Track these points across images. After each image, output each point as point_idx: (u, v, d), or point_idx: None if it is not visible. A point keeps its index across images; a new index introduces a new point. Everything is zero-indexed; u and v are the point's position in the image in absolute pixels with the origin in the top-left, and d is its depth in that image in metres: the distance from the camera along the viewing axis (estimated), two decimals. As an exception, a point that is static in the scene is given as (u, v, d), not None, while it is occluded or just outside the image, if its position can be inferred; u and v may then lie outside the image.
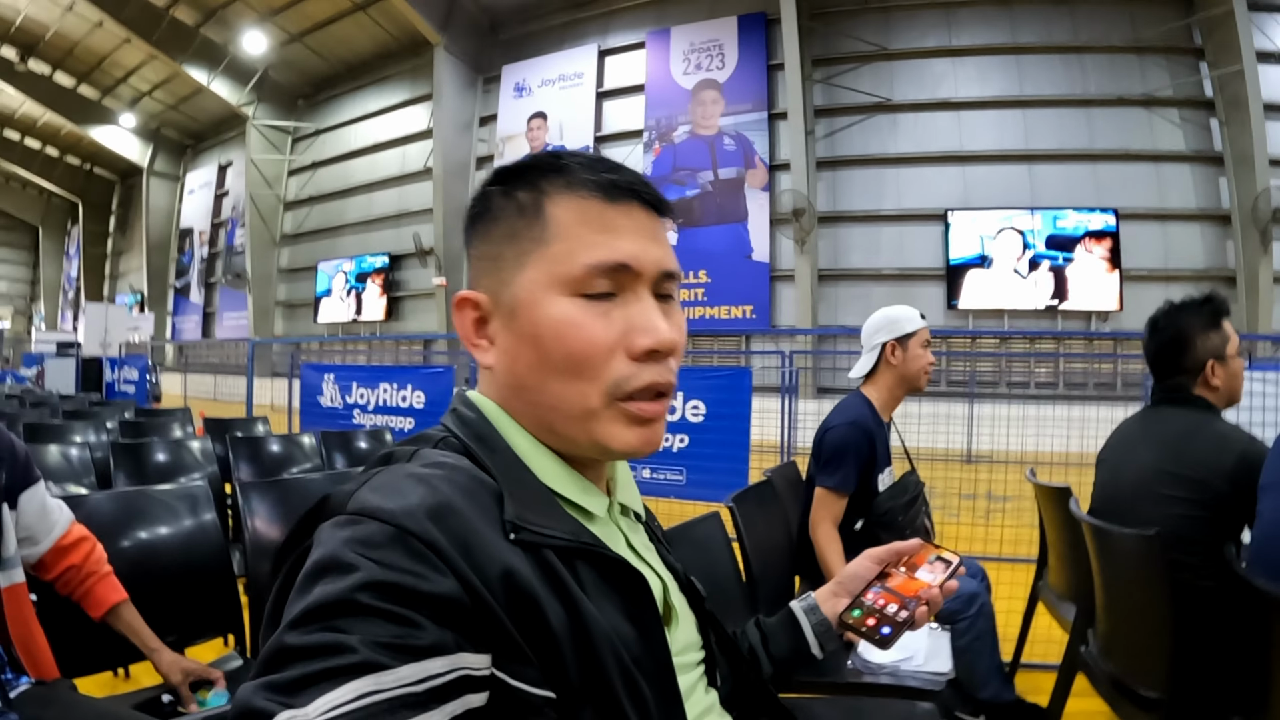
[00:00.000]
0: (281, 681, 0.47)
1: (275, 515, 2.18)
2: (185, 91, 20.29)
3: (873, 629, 0.90)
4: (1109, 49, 12.23)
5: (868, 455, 2.27)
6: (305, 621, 0.50)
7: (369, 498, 0.58)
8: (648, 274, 0.69)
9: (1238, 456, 1.76)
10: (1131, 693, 1.83)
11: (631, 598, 0.67)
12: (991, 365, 11.89)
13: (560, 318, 0.67)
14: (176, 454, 3.49)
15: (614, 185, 0.70)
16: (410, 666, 0.49)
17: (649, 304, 0.69)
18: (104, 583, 1.57)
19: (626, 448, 0.69)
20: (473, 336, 0.73)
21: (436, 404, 6.45)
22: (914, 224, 12.56)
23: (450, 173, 15.49)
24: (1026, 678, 2.79)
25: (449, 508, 0.58)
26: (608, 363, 0.67)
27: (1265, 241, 10.91)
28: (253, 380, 7.77)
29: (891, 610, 0.91)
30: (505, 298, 0.70)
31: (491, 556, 0.57)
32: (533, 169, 0.72)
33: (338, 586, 0.51)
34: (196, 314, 21.58)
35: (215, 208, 21.44)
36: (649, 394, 0.69)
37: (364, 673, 0.48)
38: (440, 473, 0.63)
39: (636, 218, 0.71)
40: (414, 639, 0.50)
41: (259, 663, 0.50)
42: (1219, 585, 1.71)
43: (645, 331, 0.68)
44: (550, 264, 0.68)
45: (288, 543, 0.64)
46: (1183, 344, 1.92)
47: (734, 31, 13.55)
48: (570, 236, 0.68)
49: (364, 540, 0.54)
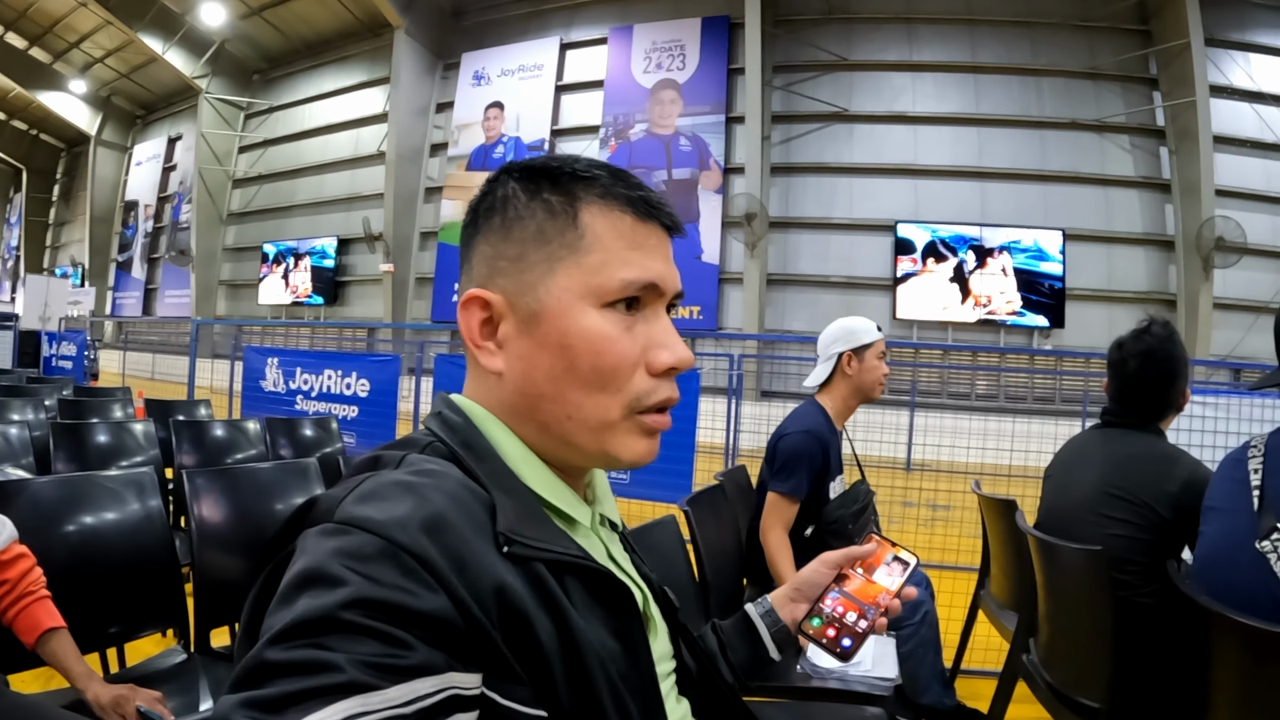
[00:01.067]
0: (263, 699, 0.45)
1: (223, 505, 2.13)
2: (139, 60, 19.67)
3: (834, 640, 0.89)
4: (1066, 73, 12.46)
5: (821, 463, 2.32)
6: (289, 636, 0.47)
7: (358, 507, 0.56)
8: (668, 293, 0.71)
9: (1182, 483, 1.82)
10: (1072, 701, 1.90)
11: (618, 611, 0.66)
12: (933, 376, 11.96)
13: (594, 329, 0.66)
14: (118, 437, 3.43)
15: (646, 203, 0.70)
16: (398, 688, 0.47)
17: (667, 322, 0.71)
18: (38, 605, 1.49)
19: (635, 458, 0.70)
20: (478, 338, 0.70)
21: (382, 393, 6.33)
22: (864, 233, 12.60)
23: (403, 158, 15.19)
24: (966, 684, 2.86)
25: (443, 521, 0.56)
26: (631, 377, 0.68)
27: (1207, 268, 11.14)
28: (195, 361, 7.49)
29: (851, 619, 0.90)
30: (528, 302, 0.68)
31: (485, 572, 0.55)
32: (561, 172, 0.70)
33: (324, 601, 0.48)
34: (138, 290, 20.89)
35: (162, 181, 20.78)
36: (660, 408, 0.70)
37: (351, 693, 0.45)
38: (430, 481, 0.60)
39: (660, 238, 0.71)
40: (403, 659, 0.48)
41: (237, 675, 0.47)
42: (1159, 602, 1.79)
43: (666, 349, 0.69)
44: (584, 274, 0.67)
45: (269, 547, 0.61)
46: (1175, 377, 1.97)
47: (697, 33, 13.49)
48: (606, 249, 0.68)
49: (353, 553, 0.52)
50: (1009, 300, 11.87)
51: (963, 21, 12.76)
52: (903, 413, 9.30)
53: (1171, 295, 11.83)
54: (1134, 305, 11.76)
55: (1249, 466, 1.58)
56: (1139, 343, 1.97)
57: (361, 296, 16.36)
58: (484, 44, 15.36)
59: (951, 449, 6.62)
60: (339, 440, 4.20)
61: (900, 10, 12.94)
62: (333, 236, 16.60)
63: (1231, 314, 11.55)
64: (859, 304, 11.89)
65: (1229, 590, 1.52)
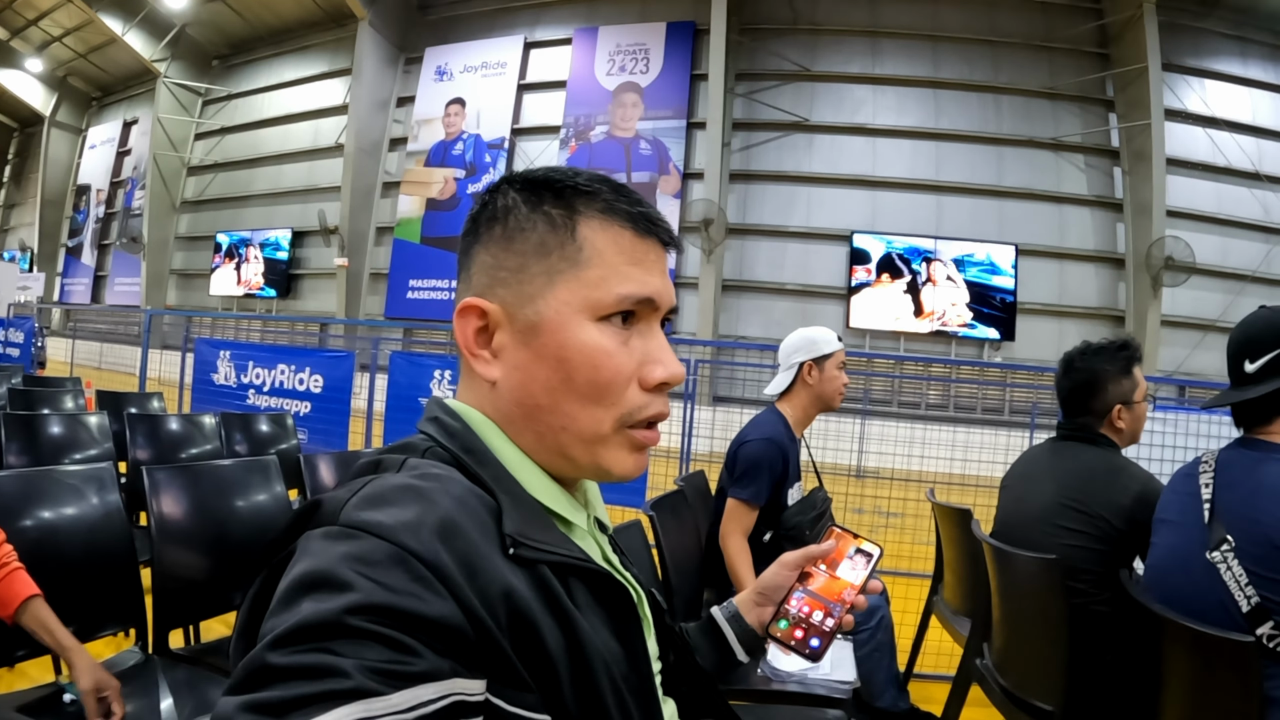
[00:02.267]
0: (266, 702, 0.44)
1: (184, 502, 2.09)
2: (98, 40, 19.15)
3: (802, 641, 0.88)
4: (1025, 92, 12.68)
5: (781, 470, 2.37)
6: (293, 640, 0.47)
7: (365, 510, 0.55)
8: (664, 309, 0.71)
9: (1134, 497, 1.90)
10: (1026, 704, 1.97)
11: (618, 613, 0.67)
12: (884, 385, 12.01)
13: (592, 344, 0.67)
14: (72, 429, 3.40)
15: (646, 218, 0.70)
16: (402, 693, 0.47)
17: (661, 338, 0.71)
18: (12, 576, 1.48)
19: (625, 472, 0.70)
20: (474, 346, 0.71)
21: (335, 389, 6.24)
22: (820, 242, 12.65)
23: (362, 151, 14.95)
24: (919, 687, 2.94)
25: (453, 525, 0.56)
26: (625, 391, 0.68)
27: (1156, 286, 11.39)
28: (147, 352, 7.29)
29: (818, 618, 0.89)
30: (527, 313, 0.69)
31: (493, 577, 0.55)
32: (564, 186, 0.70)
33: (331, 605, 0.48)
34: (87, 277, 20.32)
35: (116, 166, 20.21)
36: (651, 422, 0.70)
37: (355, 699, 0.45)
38: (436, 485, 0.60)
39: (658, 253, 0.72)
40: (409, 665, 0.48)
41: (237, 677, 0.46)
42: (1112, 609, 1.87)
43: (661, 365, 0.70)
44: (583, 288, 0.68)
45: (270, 548, 0.60)
46: (1094, 387, 2.05)
47: (662, 38, 13.46)
48: (605, 264, 0.68)
49: (361, 557, 0.51)
50: (961, 312, 11.97)
51: (926, 37, 12.90)
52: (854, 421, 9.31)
53: (1120, 311, 12.07)
54: (1084, 320, 12.00)
55: (1200, 481, 1.64)
56: (1066, 355, 2.11)
57: (314, 290, 16.06)
58: (448, 39, 15.18)
59: (905, 457, 6.68)
60: (295, 436, 4.15)
61: (865, 24, 13.04)
62: (287, 228, 16.26)
63: (1179, 331, 11.84)
64: (813, 312, 11.93)
65: (1179, 598, 1.58)
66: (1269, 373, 1.59)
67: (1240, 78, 12.59)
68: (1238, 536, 1.51)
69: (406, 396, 5.72)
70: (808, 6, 13.12)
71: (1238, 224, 12.23)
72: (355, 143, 14.86)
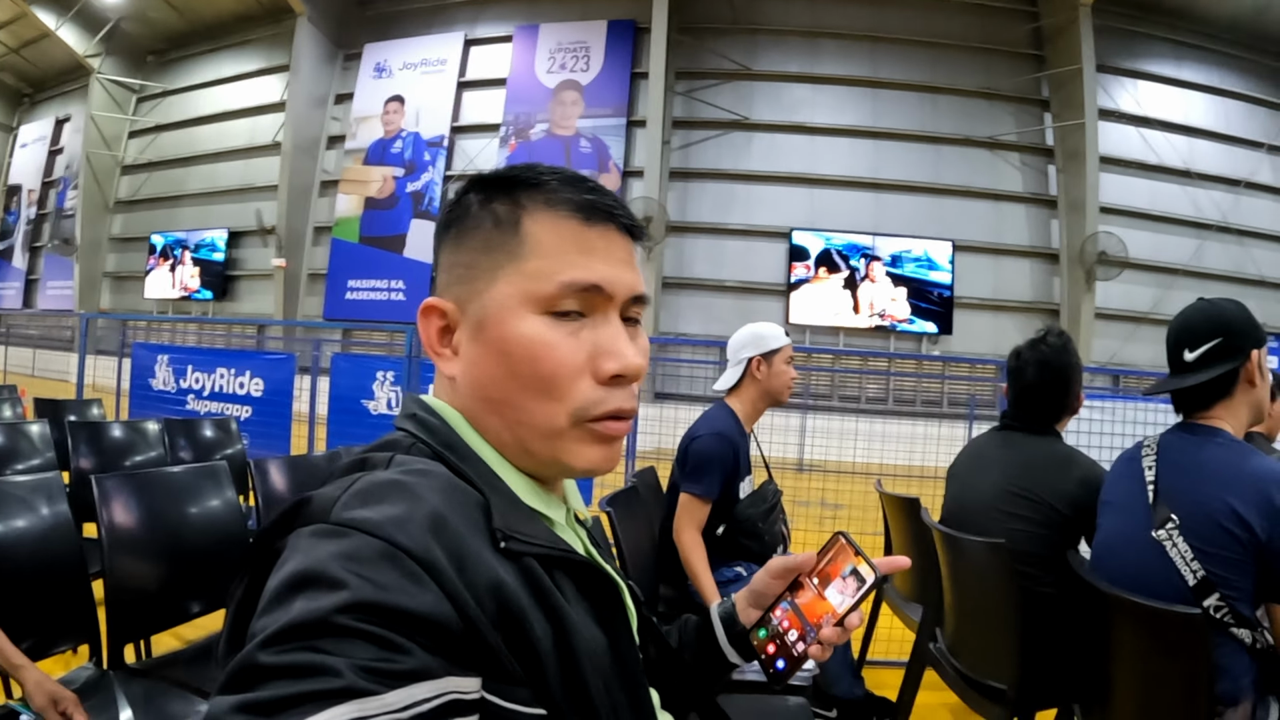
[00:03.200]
0: (258, 702, 0.44)
1: (135, 511, 2.04)
2: (30, 35, 18.49)
3: (770, 658, 0.83)
4: (962, 92, 12.90)
5: (732, 465, 2.39)
6: (284, 639, 0.46)
7: (355, 508, 0.55)
8: (619, 297, 0.69)
9: (1078, 481, 1.99)
10: (980, 684, 2.05)
11: (604, 604, 0.67)
12: (825, 379, 12.08)
13: (531, 336, 0.66)
14: (12, 438, 3.32)
15: (592, 206, 0.69)
16: (397, 693, 0.46)
17: (617, 328, 0.69)
18: None
19: (589, 466, 0.69)
20: (436, 345, 0.72)
21: (277, 392, 6.10)
22: (759, 239, 12.71)
23: (300, 149, 14.67)
24: (872, 673, 2.99)
25: (442, 520, 0.56)
26: (575, 384, 0.67)
27: (1089, 280, 11.64)
28: (85, 358, 7.04)
29: (791, 638, 0.82)
30: (474, 309, 0.69)
31: (483, 571, 0.55)
32: (512, 181, 0.70)
33: (322, 604, 0.48)
34: (18, 280, 19.65)
35: (48, 165, 19.54)
36: (614, 416, 0.68)
37: (348, 698, 0.44)
38: (424, 480, 0.60)
39: (611, 240, 0.70)
40: (401, 663, 0.47)
41: (228, 677, 0.46)
42: (1059, 590, 1.94)
43: (613, 356, 0.67)
44: (524, 280, 0.67)
45: (257, 545, 0.59)
46: (1069, 383, 2.12)
47: (603, 36, 13.43)
48: (545, 254, 0.67)
49: (351, 555, 0.51)
50: (899, 307, 12.08)
51: (865, 38, 13.05)
52: (795, 415, 9.34)
53: (1055, 305, 12.32)
54: (1019, 314, 12.24)
55: (1143, 464, 1.72)
56: (1034, 351, 2.13)
57: (251, 292, 15.70)
58: (387, 35, 14.97)
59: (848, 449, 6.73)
60: (240, 441, 4.09)
61: (804, 24, 13.15)
62: (223, 228, 15.88)
63: (1112, 323, 12.10)
64: (753, 309, 11.95)
65: (1127, 576, 1.66)
66: (1207, 361, 1.67)
67: (1173, 79, 12.93)
68: (1183, 516, 1.59)
69: (349, 399, 5.64)
70: (747, 6, 13.17)
71: (1170, 220, 12.57)
72: (293, 140, 14.58)
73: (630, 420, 0.70)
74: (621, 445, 0.71)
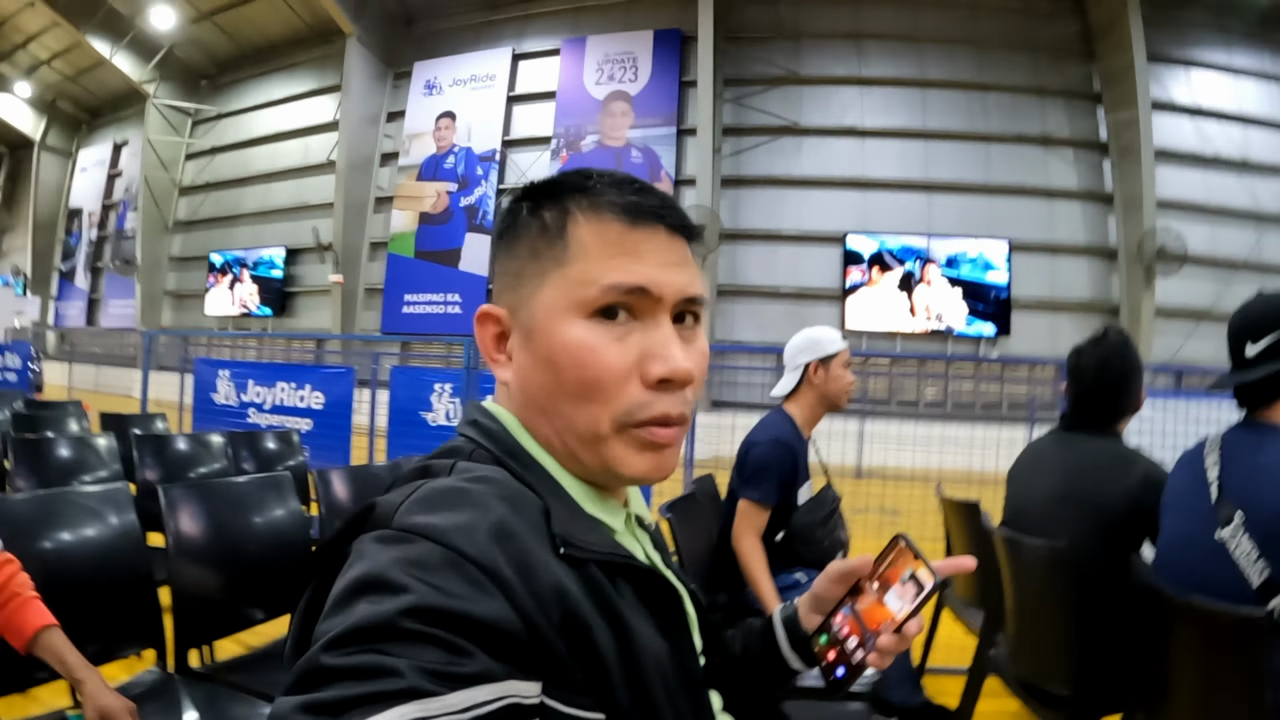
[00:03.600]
0: (322, 702, 0.45)
1: (200, 520, 2.09)
2: (86, 63, 19.10)
3: (830, 666, 0.80)
4: (1011, 89, 12.74)
5: (790, 471, 2.38)
6: (348, 641, 0.47)
7: (418, 514, 0.56)
8: (668, 299, 0.68)
9: (1140, 481, 1.91)
10: (1040, 692, 2.01)
11: (665, 611, 0.68)
12: (882, 385, 12.02)
13: (575, 341, 0.65)
14: (79, 451, 3.38)
15: (637, 207, 0.68)
16: (458, 694, 0.47)
17: (667, 331, 0.67)
18: (26, 606, 1.44)
19: (637, 474, 0.68)
20: (492, 351, 0.73)
21: (337, 405, 6.27)
22: (812, 245, 12.69)
23: (353, 167, 14.95)
24: (932, 681, 2.93)
25: (506, 527, 0.56)
26: (621, 389, 0.66)
27: (1149, 277, 11.46)
28: (148, 374, 7.30)
29: (851, 644, 0.79)
30: (523, 316, 0.69)
31: (546, 578, 0.56)
32: (560, 187, 0.71)
33: (385, 608, 0.48)
34: (81, 300, 20.31)
35: (107, 188, 20.18)
36: (660, 422, 0.67)
37: (409, 699, 0.45)
38: (486, 487, 0.61)
39: (659, 241, 0.68)
40: (463, 666, 0.48)
41: (294, 678, 0.47)
42: (1121, 594, 1.87)
43: (660, 359, 0.66)
44: (569, 285, 0.66)
45: (322, 552, 0.61)
46: (1130, 382, 2.05)
47: (649, 46, 13.50)
48: (589, 258, 0.67)
49: (416, 561, 0.52)
50: (956, 310, 12.01)
51: (910, 39, 12.97)
52: (853, 421, 9.37)
53: (1114, 303, 12.15)
54: (1077, 314, 12.06)
55: (1205, 463, 1.66)
56: (1096, 350, 2.06)
57: (309, 308, 16.04)
58: (436, 53, 15.20)
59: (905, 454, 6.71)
60: (301, 453, 4.17)
61: (848, 27, 13.10)
62: (280, 246, 16.28)
63: (1172, 321, 11.88)
64: (808, 315, 11.90)
65: (1191, 579, 1.59)
66: (1269, 356, 1.61)
67: (1225, 66, 12.68)
68: (1247, 515, 1.54)
69: (408, 411, 5.74)
70: (791, 11, 13.17)
71: (1227, 212, 12.30)
72: (346, 159, 14.86)
73: (681, 427, 0.69)
74: (675, 454, 0.70)
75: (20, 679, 1.60)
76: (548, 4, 14.47)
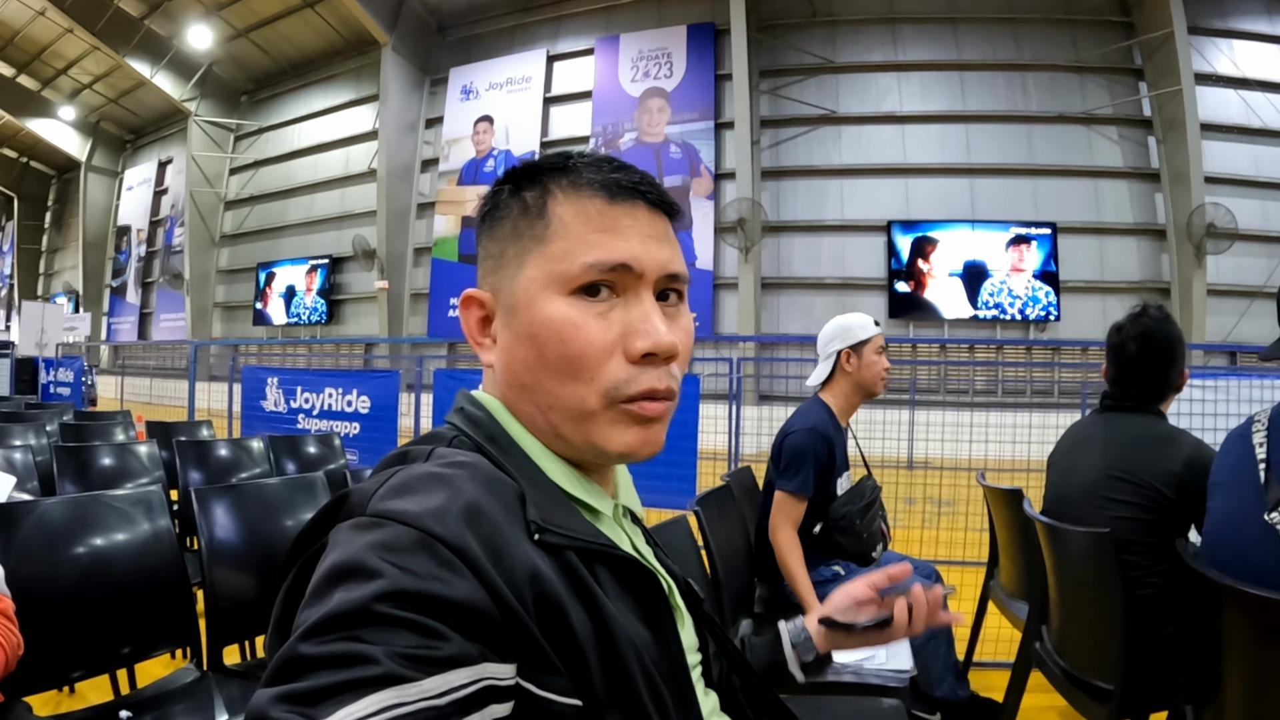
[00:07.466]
0: (299, 692, 0.45)
1: (232, 522, 2.15)
2: (127, 85, 19.67)
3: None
4: (1051, 67, 12.52)
5: (826, 460, 2.34)
6: (324, 630, 0.48)
7: (391, 499, 0.56)
8: (649, 275, 0.68)
9: (1185, 462, 1.84)
10: (1086, 684, 1.92)
11: (647, 600, 0.67)
12: (931, 372, 11.96)
13: (557, 317, 0.66)
14: (122, 458, 3.44)
15: (617, 184, 0.69)
16: (434, 679, 0.47)
17: (649, 305, 0.68)
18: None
19: (624, 449, 0.68)
20: (477, 335, 0.73)
21: (383, 408, 6.41)
22: (856, 234, 12.63)
23: (394, 174, 15.18)
24: (978, 675, 2.86)
25: (478, 509, 0.56)
26: (605, 364, 0.66)
27: (1199, 255, 11.22)
28: (195, 383, 7.49)
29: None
30: (505, 296, 0.70)
31: (519, 560, 0.56)
32: (540, 168, 0.71)
33: (359, 594, 0.49)
34: (133, 314, 20.84)
35: (154, 205, 20.72)
36: (646, 397, 0.67)
37: (386, 685, 0.46)
38: (461, 472, 0.61)
39: (640, 217, 0.69)
40: (438, 650, 0.48)
41: (271, 670, 0.48)
42: (1168, 581, 1.81)
43: (643, 334, 0.66)
44: (549, 262, 0.67)
45: (300, 542, 0.61)
46: (1174, 357, 1.99)
47: (683, 41, 13.51)
48: (570, 235, 0.67)
49: (388, 545, 0.52)
50: (1004, 294, 11.90)
51: (945, 20, 12.83)
52: (903, 410, 9.33)
53: (1165, 283, 11.91)
54: (1127, 295, 11.79)
55: (1254, 440, 1.57)
56: (1136, 325, 2.00)
57: (357, 315, 16.34)
58: (471, 58, 15.37)
59: (956, 444, 6.65)
60: (343, 456, 4.23)
61: (883, 12, 13.00)
62: (326, 256, 16.58)
63: (1225, 300, 11.61)
64: (854, 304, 11.86)
65: (1239, 565, 1.50)
66: None
67: (1268, 35, 12.36)
68: None
69: None
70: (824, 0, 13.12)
71: (1278, 186, 12.01)
72: (387, 167, 15.09)
73: (670, 402, 0.69)
74: (662, 429, 0.69)
75: (58, 676, 1.65)
76: (580, 4, 14.55)
